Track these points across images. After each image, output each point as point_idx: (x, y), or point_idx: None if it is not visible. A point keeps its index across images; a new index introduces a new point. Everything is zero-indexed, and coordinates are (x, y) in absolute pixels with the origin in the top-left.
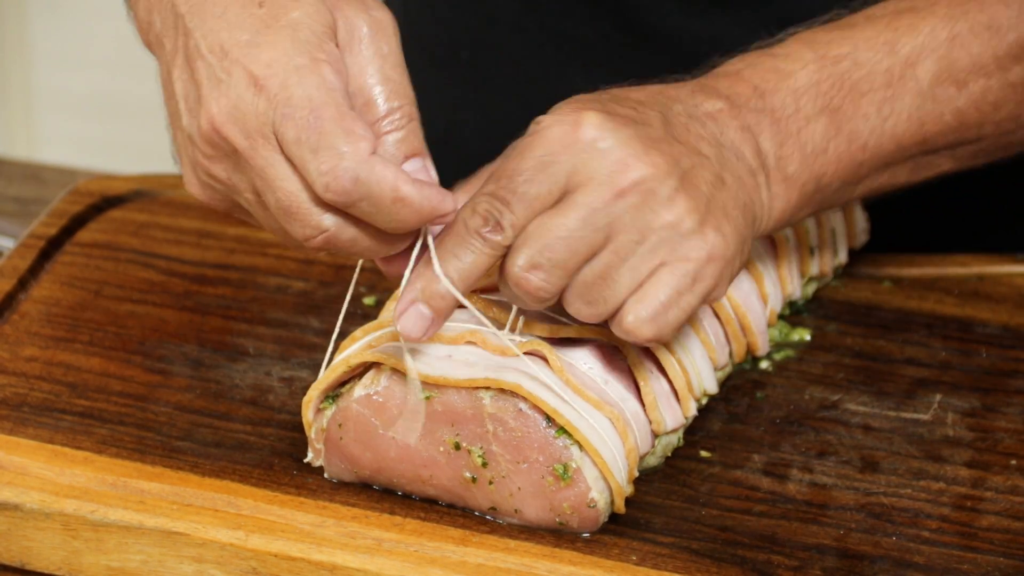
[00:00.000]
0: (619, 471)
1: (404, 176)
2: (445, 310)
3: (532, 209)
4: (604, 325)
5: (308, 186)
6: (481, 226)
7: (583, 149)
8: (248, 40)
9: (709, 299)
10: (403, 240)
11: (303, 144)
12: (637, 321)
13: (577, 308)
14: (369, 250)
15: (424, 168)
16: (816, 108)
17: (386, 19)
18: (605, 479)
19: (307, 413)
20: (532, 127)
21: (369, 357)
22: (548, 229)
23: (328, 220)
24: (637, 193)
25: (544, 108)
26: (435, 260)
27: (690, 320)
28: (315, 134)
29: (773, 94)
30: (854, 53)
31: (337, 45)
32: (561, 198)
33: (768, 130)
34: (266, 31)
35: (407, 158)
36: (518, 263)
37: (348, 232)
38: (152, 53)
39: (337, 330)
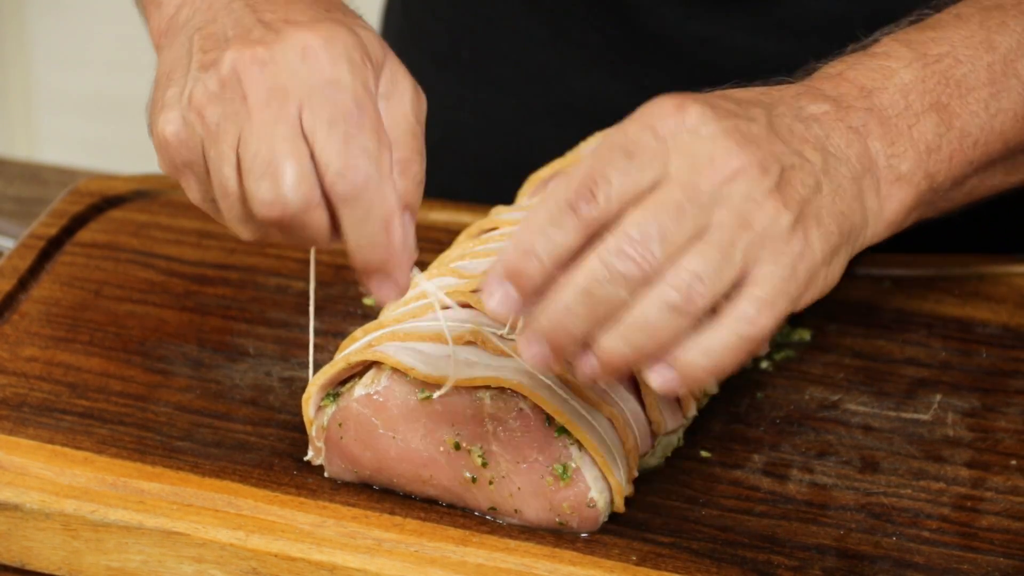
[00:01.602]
0: (619, 471)
1: (401, 214)
2: (570, 349)
3: (628, 185)
4: None
5: (299, 156)
6: (574, 197)
7: (685, 133)
8: (304, 23)
9: (798, 302)
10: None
11: (335, 127)
12: (760, 310)
13: (689, 282)
14: (313, 240)
15: (410, 224)
16: (925, 105)
17: (424, 99)
18: (605, 479)
19: (307, 410)
20: (633, 114)
21: (370, 356)
22: (652, 210)
23: (297, 195)
24: (737, 181)
25: (544, 108)
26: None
27: None
28: (353, 125)
29: (880, 92)
30: (953, 52)
31: (379, 88)
32: (659, 182)
33: (877, 129)
34: (329, 24)
35: (405, 209)
36: (611, 251)
37: (305, 216)
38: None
39: (312, 317)
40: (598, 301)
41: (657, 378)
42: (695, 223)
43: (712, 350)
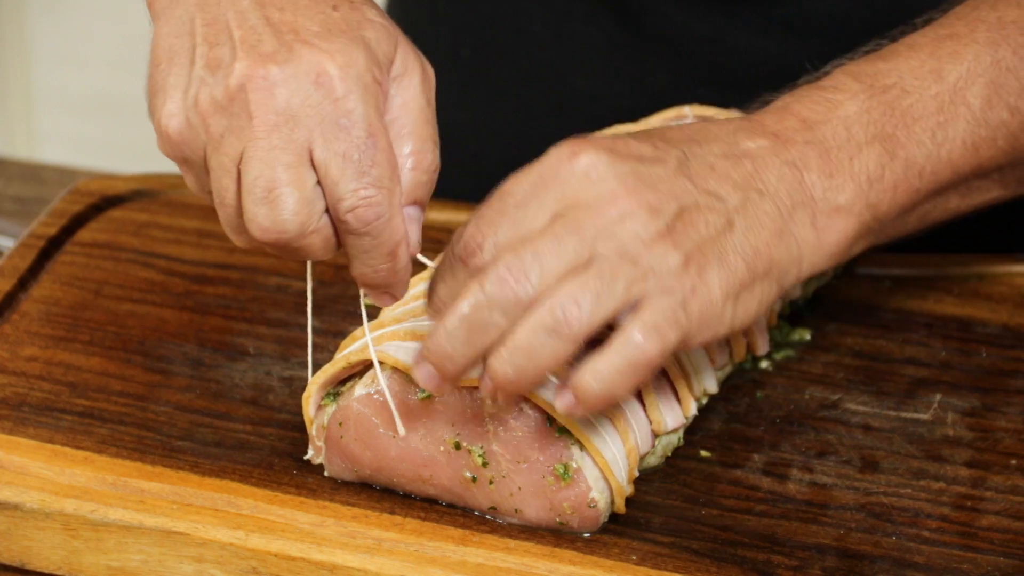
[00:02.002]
0: (619, 471)
1: (408, 242)
2: (454, 373)
3: (514, 232)
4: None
5: (299, 185)
6: (463, 251)
7: (575, 178)
8: (317, 32)
9: (694, 338)
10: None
11: (349, 161)
12: (645, 335)
13: (564, 305)
14: (314, 258)
15: (419, 219)
16: (868, 136)
17: (433, 73)
18: (605, 479)
19: (307, 409)
20: (530, 164)
21: (369, 355)
22: (534, 239)
23: (292, 223)
24: (624, 223)
25: (544, 108)
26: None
27: None
28: (368, 158)
29: (822, 125)
30: (901, 82)
31: (391, 74)
32: (545, 226)
33: (815, 162)
34: (339, 34)
35: (412, 203)
36: (500, 265)
37: (302, 241)
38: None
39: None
40: (477, 326)
41: (560, 402)
42: (576, 255)
43: (601, 373)
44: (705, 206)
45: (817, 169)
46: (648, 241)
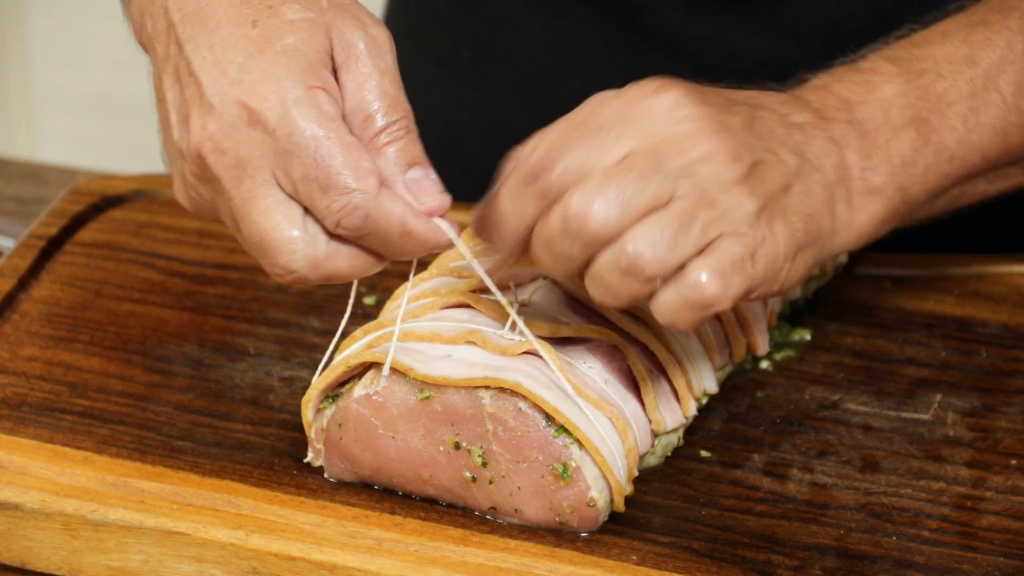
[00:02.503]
0: (619, 470)
1: (412, 210)
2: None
3: (590, 158)
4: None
5: (285, 226)
6: (531, 169)
7: (660, 113)
8: (241, 64)
9: (756, 290)
10: (377, 267)
11: (312, 182)
12: (710, 278)
13: (640, 250)
14: (344, 280)
15: (426, 175)
16: (904, 119)
17: (382, 36)
18: (605, 478)
19: (307, 413)
20: (613, 91)
21: (369, 357)
22: (615, 173)
23: (299, 261)
24: (705, 163)
25: (544, 108)
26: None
27: None
28: (323, 173)
29: (861, 106)
30: (936, 67)
31: (334, 64)
32: (626, 156)
33: (855, 142)
34: (260, 56)
35: (409, 167)
36: (580, 195)
37: (318, 272)
38: (146, 53)
39: (340, 331)
40: (556, 254)
41: None
42: (657, 193)
43: (660, 309)
44: (772, 163)
45: (856, 149)
46: (727, 184)
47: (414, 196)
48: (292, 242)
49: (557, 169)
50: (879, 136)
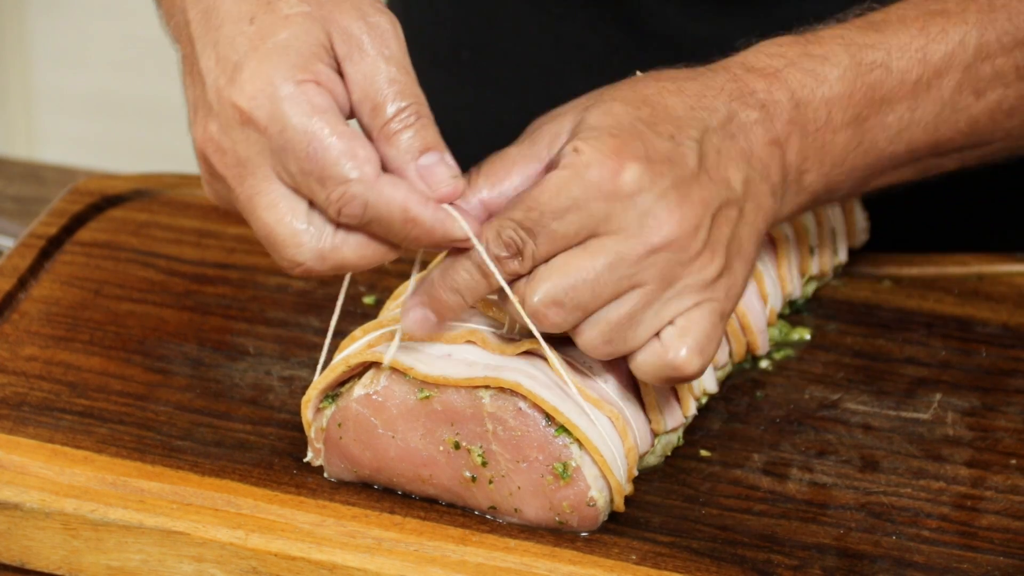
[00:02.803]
0: (619, 469)
1: (414, 197)
2: (450, 317)
3: (556, 246)
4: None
5: (290, 219)
6: (502, 252)
7: (620, 198)
8: (236, 63)
9: (726, 324)
10: (389, 255)
11: (309, 175)
12: (688, 355)
13: (593, 344)
14: (355, 269)
15: (442, 160)
16: (844, 120)
17: (384, 22)
18: (605, 477)
19: (306, 413)
20: (570, 156)
21: (369, 357)
22: (574, 269)
23: (305, 254)
24: (668, 250)
25: (544, 108)
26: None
27: None
28: (318, 165)
29: (807, 105)
30: (888, 61)
31: (337, 58)
32: (588, 239)
33: (797, 143)
34: (252, 54)
35: (422, 152)
36: (538, 296)
37: (326, 264)
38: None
39: (331, 330)
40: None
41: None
42: (619, 282)
43: (636, 368)
44: (724, 202)
45: (797, 150)
46: (690, 262)
47: (426, 183)
48: (297, 235)
49: (526, 254)
50: (819, 137)
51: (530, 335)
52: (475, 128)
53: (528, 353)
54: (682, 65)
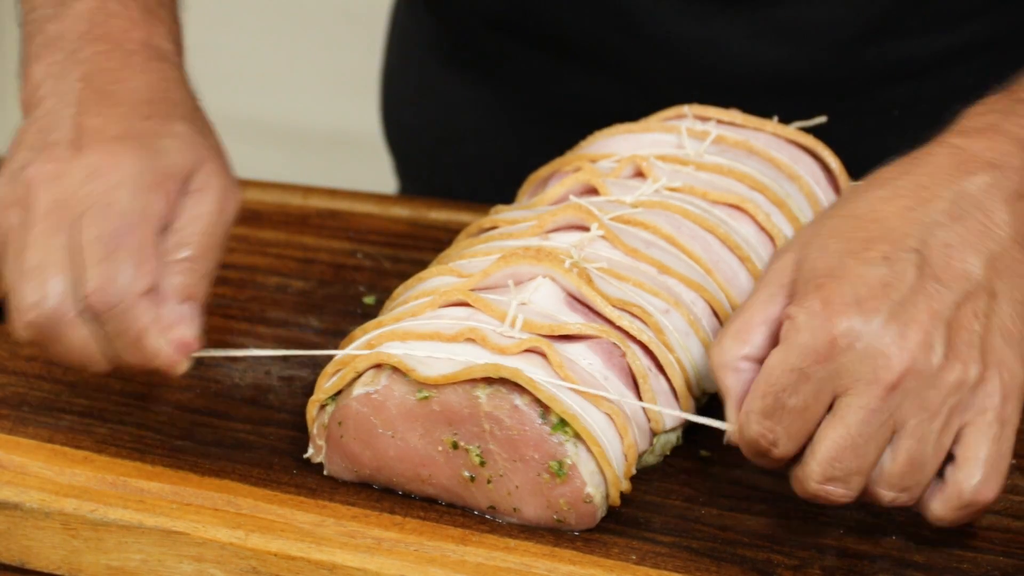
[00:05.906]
0: (615, 461)
1: (156, 329)
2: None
3: (805, 419)
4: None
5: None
6: (758, 449)
7: (840, 353)
8: (115, 136)
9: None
10: (97, 365)
11: (96, 245)
12: (981, 487)
13: (891, 498)
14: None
15: (195, 314)
16: None
17: (237, 200)
18: (601, 472)
19: (311, 410)
20: (786, 326)
21: (374, 359)
22: (830, 440)
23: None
24: (909, 379)
25: (544, 108)
26: None
27: (690, 319)
28: (112, 246)
29: None
30: None
31: (188, 187)
32: (833, 401)
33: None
34: (133, 141)
35: (186, 300)
36: (813, 479)
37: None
38: (23, 111)
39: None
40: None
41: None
42: (883, 430)
43: (931, 517)
44: (963, 297)
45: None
46: (937, 380)
47: (173, 322)
48: (64, 282)
49: (780, 442)
50: None
51: (531, 334)
52: (475, 128)
53: (528, 351)
54: (682, 67)
